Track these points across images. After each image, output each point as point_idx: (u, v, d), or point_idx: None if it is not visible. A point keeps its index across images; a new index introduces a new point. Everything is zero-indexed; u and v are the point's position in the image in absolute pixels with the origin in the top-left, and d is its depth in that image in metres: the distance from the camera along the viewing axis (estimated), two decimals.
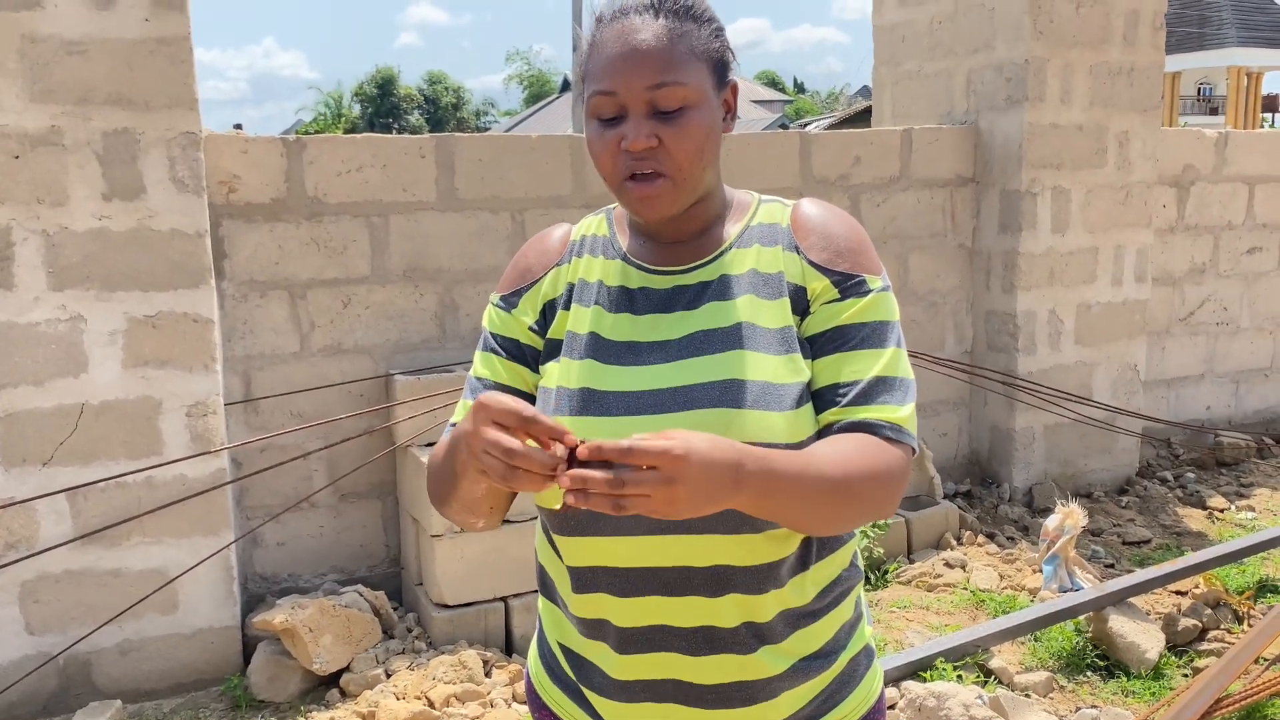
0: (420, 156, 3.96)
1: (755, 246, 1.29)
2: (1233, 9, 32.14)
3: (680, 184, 1.23)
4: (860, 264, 1.27)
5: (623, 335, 1.28)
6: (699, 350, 1.25)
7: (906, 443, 1.21)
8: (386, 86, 50.51)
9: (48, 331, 3.23)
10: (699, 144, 1.23)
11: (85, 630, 3.33)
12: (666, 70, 1.20)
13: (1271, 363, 6.15)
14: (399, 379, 3.81)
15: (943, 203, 5.03)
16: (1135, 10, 4.99)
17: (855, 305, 1.25)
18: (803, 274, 1.27)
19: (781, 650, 1.27)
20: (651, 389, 1.24)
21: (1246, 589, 3.95)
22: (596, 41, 1.24)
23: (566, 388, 1.27)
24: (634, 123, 1.21)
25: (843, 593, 1.33)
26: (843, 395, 1.22)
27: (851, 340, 1.24)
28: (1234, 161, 5.77)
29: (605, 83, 1.21)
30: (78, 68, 3.16)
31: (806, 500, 1.10)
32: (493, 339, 1.36)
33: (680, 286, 1.29)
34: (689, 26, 1.23)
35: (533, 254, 1.38)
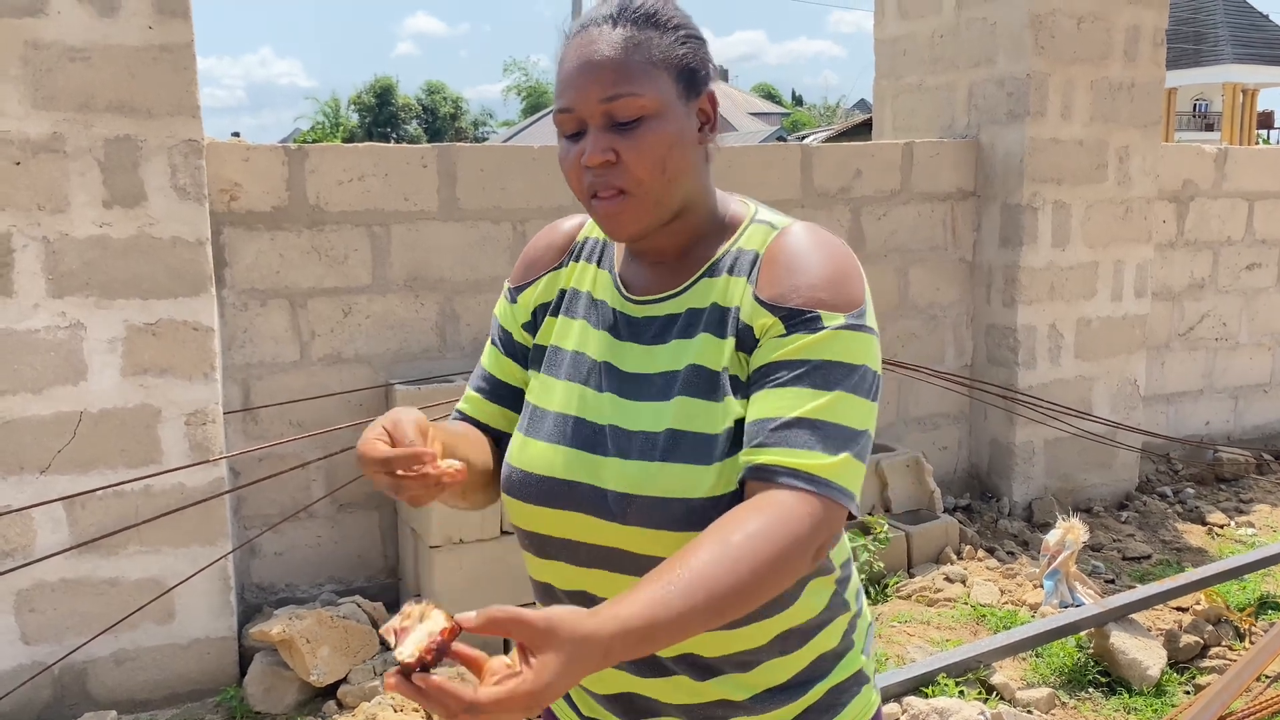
0: (422, 166, 3.95)
1: (724, 276, 1.22)
2: (1228, 26, 32.32)
3: (643, 200, 1.17)
4: (819, 299, 1.15)
5: (599, 356, 1.27)
6: (649, 393, 1.21)
7: (826, 495, 1.08)
8: (385, 96, 50.57)
9: (47, 339, 3.21)
10: (659, 157, 1.16)
11: (81, 640, 3.30)
12: (620, 81, 1.15)
13: (1271, 378, 6.15)
14: (399, 389, 3.80)
15: (943, 216, 5.03)
16: (1136, 26, 5.00)
17: (799, 340, 1.13)
18: (752, 311, 1.18)
19: (735, 681, 1.24)
20: (600, 422, 1.23)
21: (1248, 605, 3.94)
22: (561, 57, 1.21)
23: (549, 410, 1.28)
24: (592, 137, 1.17)
25: (818, 626, 1.27)
26: (756, 434, 1.11)
27: (783, 376, 1.13)
28: (1233, 177, 5.78)
29: (564, 98, 1.18)
30: (80, 74, 3.16)
31: (702, 624, 1.01)
32: (497, 327, 1.38)
33: (650, 318, 1.25)
34: (649, 34, 1.18)
35: (540, 247, 1.38)
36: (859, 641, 1.33)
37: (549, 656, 0.92)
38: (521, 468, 1.27)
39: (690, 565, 1.01)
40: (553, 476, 1.24)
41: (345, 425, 3.81)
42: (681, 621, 0.99)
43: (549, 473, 1.24)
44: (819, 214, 4.71)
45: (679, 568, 1.01)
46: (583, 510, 1.22)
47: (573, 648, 0.92)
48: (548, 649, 0.92)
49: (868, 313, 1.17)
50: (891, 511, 4.55)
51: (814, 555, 1.09)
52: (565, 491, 1.23)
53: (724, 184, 1.35)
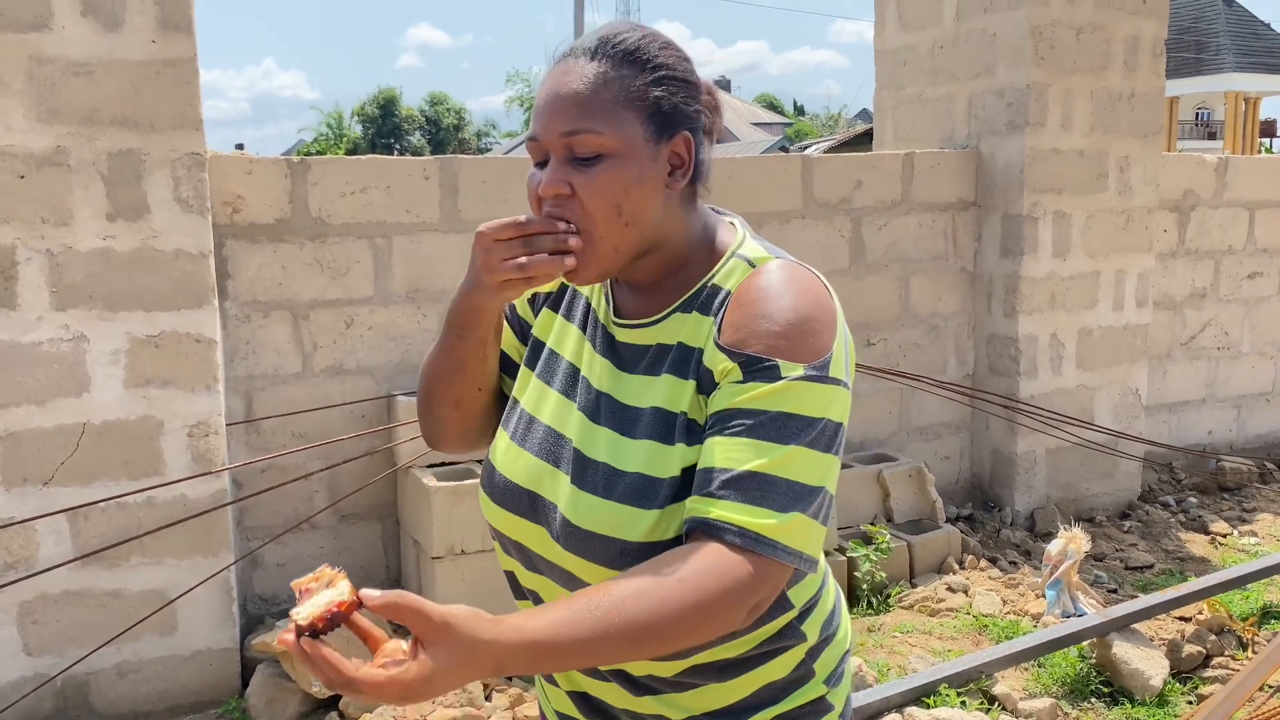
0: (424, 178, 3.97)
1: (694, 314, 1.19)
2: (1230, 35, 32.35)
3: (594, 243, 1.15)
4: (779, 348, 1.11)
5: (584, 370, 1.28)
6: (614, 423, 1.20)
7: (769, 556, 1.05)
8: (388, 107, 50.70)
9: (50, 351, 3.22)
10: (613, 199, 1.13)
11: (83, 651, 3.31)
12: (581, 117, 1.14)
13: (1273, 387, 6.15)
14: (401, 400, 3.81)
15: (944, 226, 5.04)
16: (1135, 36, 5.02)
17: (756, 389, 1.09)
18: (713, 358, 1.15)
19: (670, 701, 1.24)
20: (566, 437, 1.24)
21: (1250, 615, 3.93)
22: (541, 84, 1.21)
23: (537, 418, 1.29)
24: (551, 168, 1.16)
25: (762, 656, 1.23)
26: (706, 484, 1.08)
27: (738, 426, 1.09)
28: (1234, 186, 5.79)
29: (532, 128, 1.19)
30: (84, 89, 3.18)
31: (614, 654, 1.00)
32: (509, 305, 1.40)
33: (629, 344, 1.24)
34: (624, 72, 1.15)
35: None
36: (820, 671, 1.29)
37: (437, 652, 0.93)
38: (496, 467, 1.30)
39: (615, 595, 1.00)
40: (518, 484, 1.26)
41: (347, 436, 3.82)
42: (589, 648, 0.98)
43: (516, 479, 1.27)
44: (820, 225, 4.72)
45: (603, 594, 1.00)
46: (540, 523, 1.24)
47: (464, 650, 0.93)
48: (438, 645, 0.93)
49: (833, 363, 1.13)
50: (894, 521, 4.55)
51: (749, 611, 1.07)
52: (527, 501, 1.25)
53: (725, 196, 1.36)
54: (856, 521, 4.46)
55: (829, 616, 1.32)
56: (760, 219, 4.55)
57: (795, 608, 1.25)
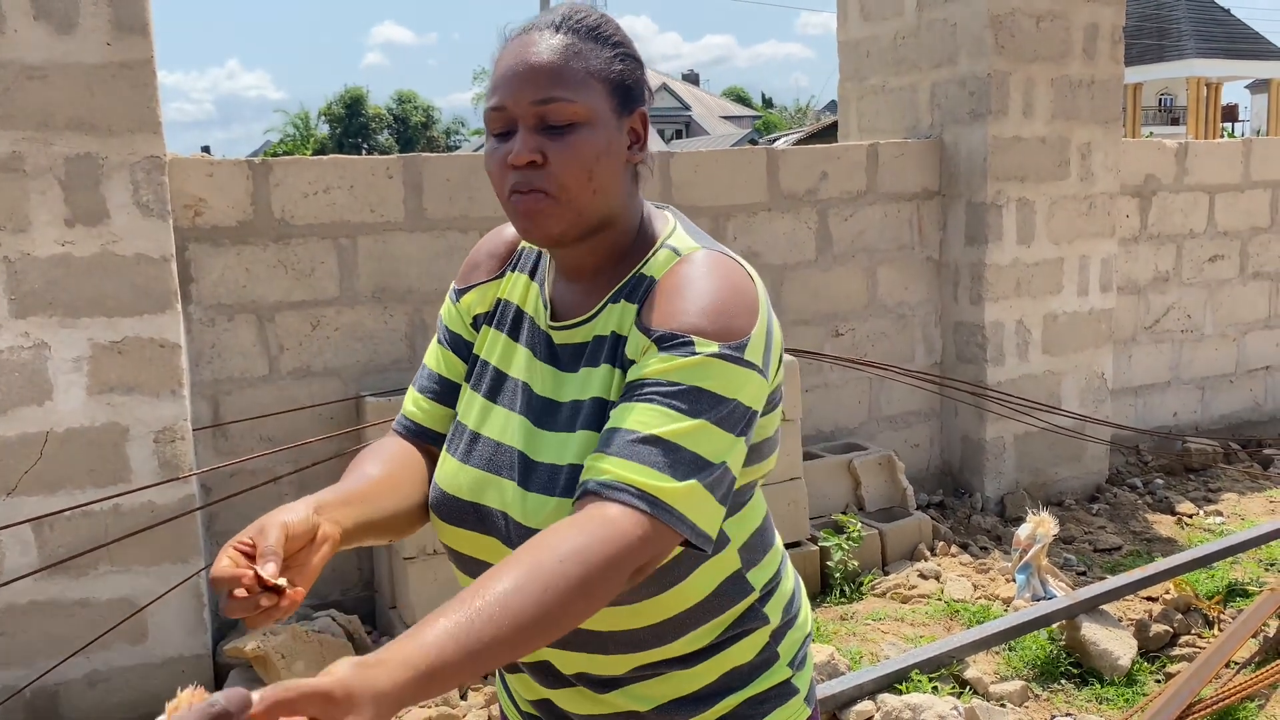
0: (388, 177, 3.95)
1: (622, 302, 1.21)
2: (1191, 21, 32.70)
3: (564, 205, 1.16)
4: (695, 326, 1.11)
5: (520, 375, 1.27)
6: (557, 423, 1.20)
7: (658, 518, 1.04)
8: (355, 106, 50.34)
9: (10, 359, 3.19)
10: (586, 164, 1.16)
11: (52, 662, 3.27)
12: (555, 85, 1.16)
13: (1236, 369, 6.23)
14: (370, 400, 3.79)
15: (909, 216, 5.07)
16: (1094, 24, 5.07)
17: (671, 361, 1.10)
18: (633, 340, 1.17)
19: (634, 693, 1.24)
20: (511, 445, 1.23)
21: (1216, 594, 3.99)
22: (498, 57, 1.22)
23: (465, 425, 1.29)
24: (521, 137, 1.16)
25: (732, 638, 1.25)
26: (607, 442, 1.08)
27: (647, 394, 1.09)
28: (1194, 171, 5.86)
29: (496, 96, 1.18)
30: (38, 92, 3.14)
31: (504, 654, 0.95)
32: (442, 328, 1.38)
33: (566, 344, 1.24)
34: (589, 46, 1.19)
35: (484, 252, 1.38)
36: (784, 654, 1.30)
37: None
38: (440, 485, 1.28)
39: (494, 592, 0.95)
40: (462, 498, 1.25)
41: (316, 438, 3.80)
42: (482, 655, 0.93)
43: (459, 494, 1.25)
44: (786, 217, 4.74)
45: (481, 595, 0.95)
46: (490, 534, 1.23)
47: (375, 708, 0.85)
48: (351, 715, 0.84)
49: (750, 347, 1.13)
50: (865, 510, 4.58)
51: (630, 576, 1.05)
52: (474, 514, 1.24)
53: (692, 189, 1.37)
54: (828, 510, 4.48)
55: (790, 599, 1.33)
56: (727, 212, 4.56)
57: (756, 590, 1.26)
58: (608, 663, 1.22)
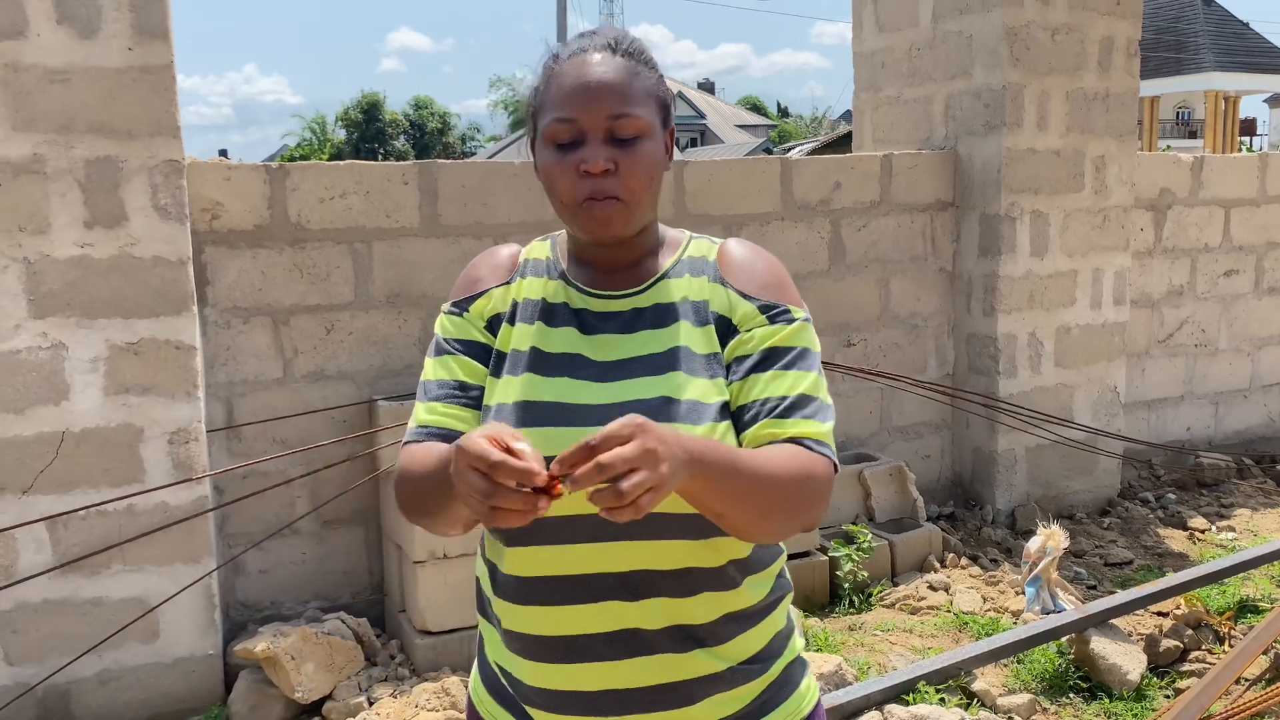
0: (403, 183, 3.98)
1: (686, 276, 1.39)
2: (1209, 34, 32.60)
3: (631, 208, 1.32)
4: (783, 296, 1.37)
5: (563, 349, 1.35)
6: (633, 372, 1.32)
7: (829, 456, 1.29)
8: (372, 112, 50.55)
9: (29, 359, 3.22)
10: (649, 172, 1.32)
11: (64, 660, 3.30)
12: (625, 102, 1.30)
13: (1250, 384, 6.20)
14: (382, 405, 3.81)
15: (923, 227, 5.07)
16: (1110, 37, 5.06)
17: (783, 330, 1.34)
18: (729, 303, 1.36)
19: (718, 653, 1.33)
20: (586, 403, 1.31)
21: (1227, 609, 3.97)
22: (555, 74, 1.33)
23: (507, 403, 1.33)
24: (593, 148, 1.30)
25: (775, 600, 1.40)
26: (772, 408, 1.29)
27: (780, 361, 1.32)
28: (1210, 185, 5.84)
29: (566, 110, 1.30)
30: (60, 96, 3.17)
31: (745, 489, 1.16)
32: (447, 343, 1.42)
33: (616, 312, 1.37)
34: (641, 68, 1.34)
35: (484, 267, 1.45)
36: (795, 625, 1.46)
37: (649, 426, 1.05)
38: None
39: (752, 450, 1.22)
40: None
41: (328, 442, 3.82)
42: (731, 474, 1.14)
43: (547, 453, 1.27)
44: (799, 226, 4.75)
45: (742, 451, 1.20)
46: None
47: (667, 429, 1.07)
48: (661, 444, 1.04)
49: None
50: (875, 520, 4.58)
51: (825, 502, 1.28)
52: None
53: (705, 198, 1.48)
54: (838, 521, 4.48)
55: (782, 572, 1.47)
56: (740, 221, 4.57)
57: (784, 552, 1.44)
58: (695, 607, 1.31)
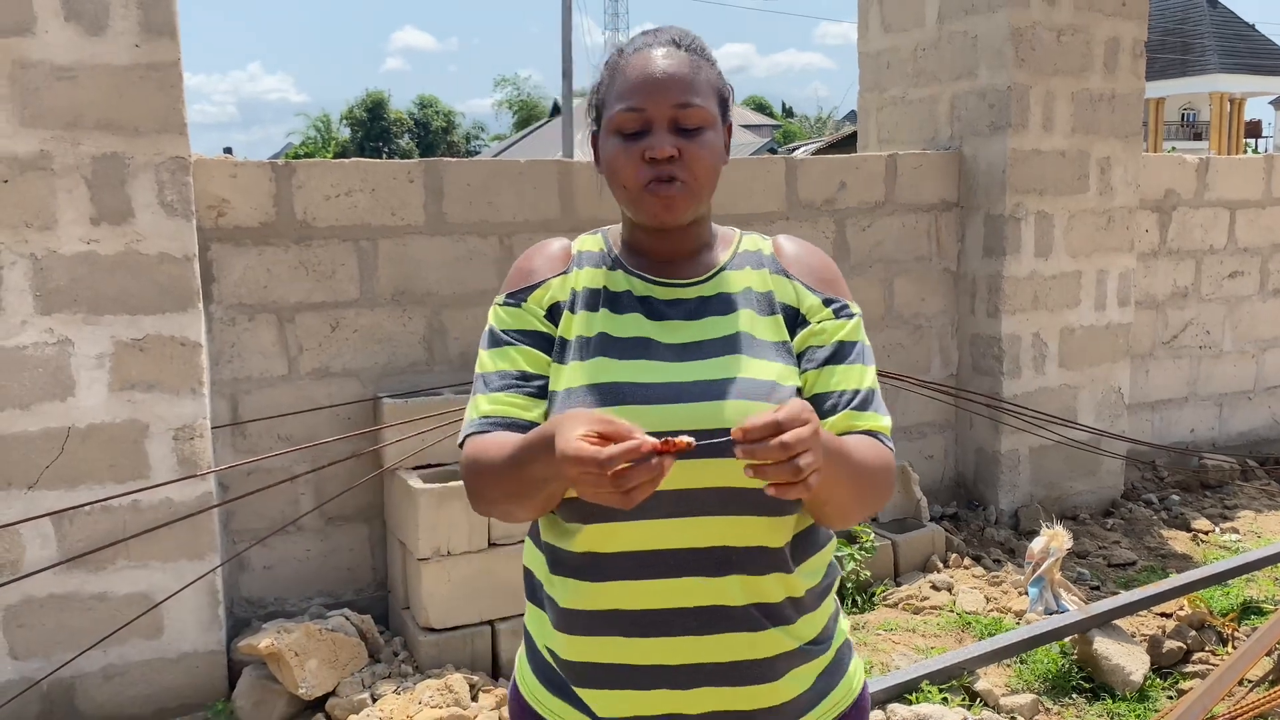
0: (409, 181, 3.98)
1: (747, 269, 1.44)
2: (1215, 36, 32.54)
3: (694, 192, 1.37)
4: (841, 291, 1.46)
5: (632, 333, 1.38)
6: (707, 353, 1.37)
7: (892, 449, 1.40)
8: (377, 110, 50.63)
9: (35, 355, 3.23)
10: (712, 161, 1.38)
11: (69, 655, 3.31)
12: (690, 93, 1.36)
13: (1254, 385, 6.20)
14: (387, 402, 3.82)
15: (927, 227, 5.07)
16: (1115, 38, 5.06)
17: (846, 326, 1.42)
18: (796, 295, 1.43)
19: (789, 632, 1.37)
20: (663, 381, 1.33)
21: (1230, 611, 3.97)
22: (621, 67, 1.39)
23: (577, 386, 1.34)
24: (659, 135, 1.35)
25: (829, 585, 1.45)
26: (849, 400, 1.38)
27: (847, 356, 1.40)
28: (1215, 186, 5.84)
29: (634, 100, 1.35)
30: (67, 93, 3.18)
31: (850, 477, 1.25)
32: (504, 334, 1.42)
33: (680, 299, 1.41)
34: (704, 63, 1.40)
35: (538, 259, 1.47)
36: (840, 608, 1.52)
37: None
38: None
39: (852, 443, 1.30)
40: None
41: (333, 439, 3.83)
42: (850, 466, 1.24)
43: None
44: (804, 226, 4.75)
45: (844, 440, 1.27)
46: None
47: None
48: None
49: None
50: (878, 520, 4.58)
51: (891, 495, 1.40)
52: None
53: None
54: None
55: None
56: (744, 220, 4.57)
57: (834, 539, 1.49)
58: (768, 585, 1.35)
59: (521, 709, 1.47)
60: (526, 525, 1.49)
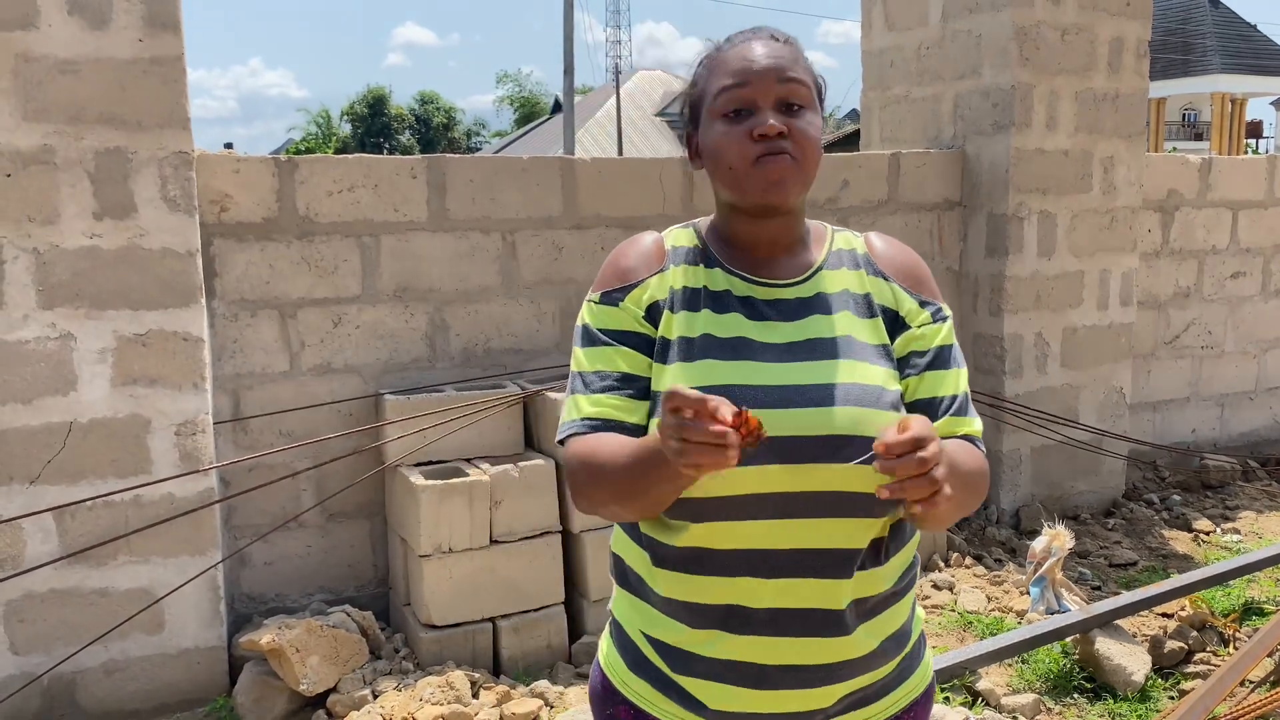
0: (412, 177, 3.98)
1: (843, 269, 1.44)
2: (1216, 36, 32.54)
3: (803, 169, 1.37)
4: (933, 291, 1.47)
5: (736, 334, 1.36)
6: (812, 355, 1.36)
7: (984, 452, 1.44)
8: (377, 106, 50.57)
9: (37, 349, 3.22)
10: (816, 140, 1.38)
11: (70, 650, 3.31)
12: (793, 69, 1.38)
13: (1256, 386, 6.19)
14: (388, 398, 3.81)
15: (930, 226, 5.06)
16: (1119, 38, 5.05)
17: (943, 329, 1.44)
18: (894, 298, 1.44)
19: (872, 629, 1.39)
20: (774, 384, 1.33)
21: (1232, 611, 3.97)
22: (720, 59, 1.40)
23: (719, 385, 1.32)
24: (765, 113, 1.35)
25: (913, 579, 1.47)
26: (949, 405, 1.41)
27: (947, 361, 1.43)
28: (1217, 187, 5.83)
29: (738, 78, 1.36)
30: (71, 87, 3.18)
31: (959, 485, 1.25)
32: (603, 334, 1.40)
33: (780, 299, 1.41)
34: (800, 54, 1.42)
35: (632, 256, 1.44)
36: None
37: None
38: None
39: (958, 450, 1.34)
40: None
41: (335, 435, 3.82)
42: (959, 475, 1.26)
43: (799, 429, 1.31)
44: None
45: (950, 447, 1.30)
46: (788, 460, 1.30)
47: None
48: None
49: None
50: None
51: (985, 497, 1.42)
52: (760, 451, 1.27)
53: (711, 194, 1.43)
54: None
55: None
56: None
57: (918, 534, 1.48)
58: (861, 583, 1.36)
59: (607, 692, 1.46)
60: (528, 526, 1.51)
